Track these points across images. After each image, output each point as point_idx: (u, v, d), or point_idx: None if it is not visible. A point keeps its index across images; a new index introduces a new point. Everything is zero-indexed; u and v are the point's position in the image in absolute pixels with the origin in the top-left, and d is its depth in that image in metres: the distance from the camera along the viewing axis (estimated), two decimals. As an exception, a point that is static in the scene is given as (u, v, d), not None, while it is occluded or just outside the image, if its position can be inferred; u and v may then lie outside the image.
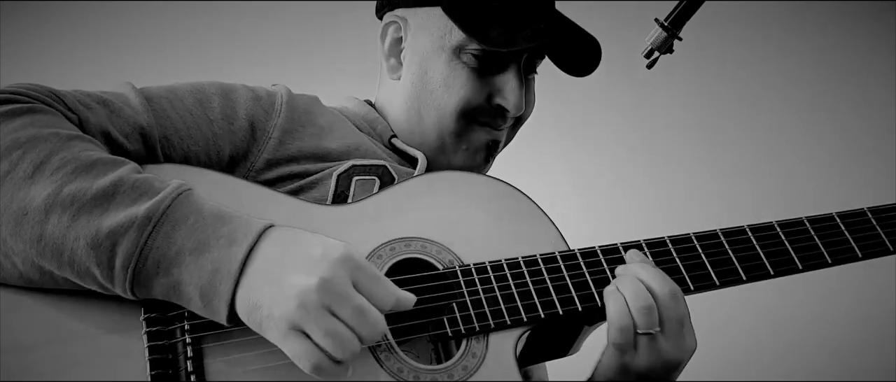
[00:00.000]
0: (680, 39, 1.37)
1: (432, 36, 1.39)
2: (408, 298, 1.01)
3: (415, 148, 1.42)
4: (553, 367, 1.48)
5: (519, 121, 1.47)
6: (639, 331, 1.10)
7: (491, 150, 1.43)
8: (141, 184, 1.02)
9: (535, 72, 1.46)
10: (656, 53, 1.39)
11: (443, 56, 1.38)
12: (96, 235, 0.97)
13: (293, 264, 0.97)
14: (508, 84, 1.37)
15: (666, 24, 1.37)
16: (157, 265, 0.98)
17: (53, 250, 0.98)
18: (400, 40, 1.44)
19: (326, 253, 0.97)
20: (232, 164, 1.27)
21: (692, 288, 1.18)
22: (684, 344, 1.13)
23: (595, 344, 1.25)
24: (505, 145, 1.48)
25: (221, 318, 0.98)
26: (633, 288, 1.11)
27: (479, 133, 1.40)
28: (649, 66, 1.41)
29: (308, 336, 0.95)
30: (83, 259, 0.98)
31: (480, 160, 1.43)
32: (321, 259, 0.96)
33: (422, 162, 1.38)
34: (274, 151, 1.28)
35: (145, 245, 0.98)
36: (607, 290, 1.13)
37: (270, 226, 1.01)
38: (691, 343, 1.14)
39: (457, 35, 1.36)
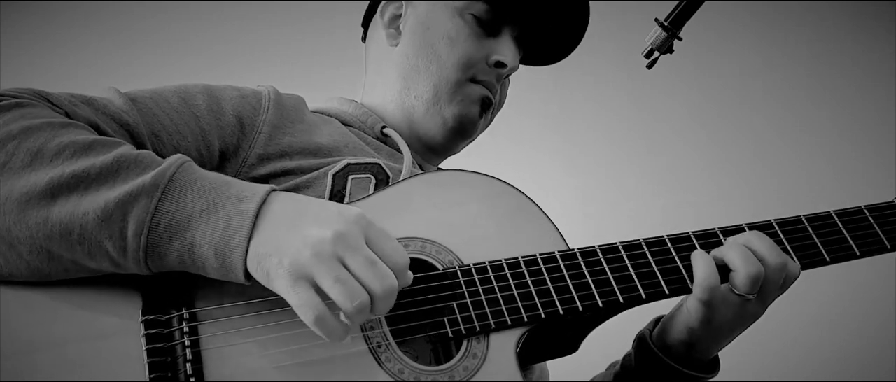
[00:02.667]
0: (680, 39, 1.38)
1: (436, 1, 1.48)
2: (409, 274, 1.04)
3: (406, 111, 1.48)
4: (552, 365, 1.48)
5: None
6: (737, 292, 1.15)
7: (485, 106, 1.50)
8: (143, 157, 1.03)
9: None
10: (656, 53, 1.40)
11: (447, 12, 1.47)
12: (105, 208, 0.97)
13: (308, 218, 0.98)
14: (504, 45, 1.47)
15: (666, 24, 1.37)
16: (169, 230, 0.98)
17: (62, 230, 0.97)
18: (399, 16, 1.53)
19: (342, 211, 0.99)
20: (223, 160, 1.28)
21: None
22: (764, 308, 1.21)
23: (596, 345, 1.25)
24: (496, 110, 1.56)
25: (238, 274, 0.98)
26: (744, 254, 1.16)
27: (474, 87, 1.48)
28: (649, 66, 1.42)
29: (317, 291, 0.95)
30: (94, 233, 0.97)
31: (476, 112, 1.49)
32: (336, 214, 0.98)
33: (407, 156, 1.39)
34: (265, 146, 1.30)
35: (156, 210, 0.97)
36: (695, 253, 1.18)
37: (275, 189, 1.03)
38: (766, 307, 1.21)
39: None
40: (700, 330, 1.21)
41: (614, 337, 1.43)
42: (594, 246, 1.19)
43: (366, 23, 1.63)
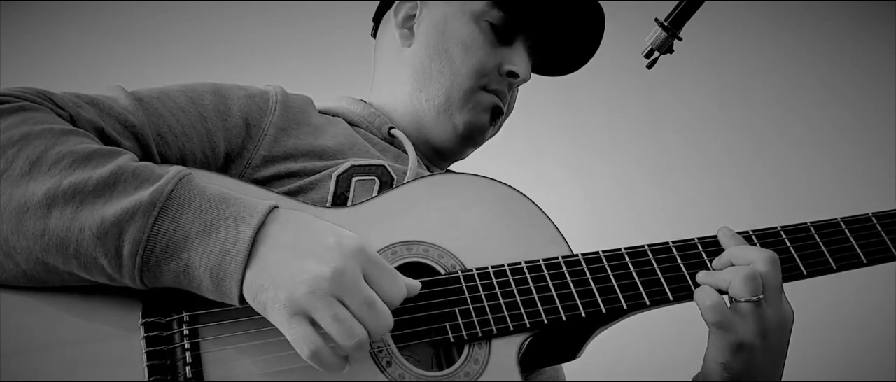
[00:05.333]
0: (680, 39, 1.38)
1: (452, 6, 1.48)
2: (414, 285, 1.04)
3: (416, 113, 1.48)
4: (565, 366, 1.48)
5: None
6: (741, 300, 1.12)
7: (495, 114, 1.50)
8: (142, 171, 1.01)
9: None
10: (656, 53, 1.40)
11: (463, 18, 1.47)
12: (101, 224, 0.96)
13: (306, 250, 0.97)
14: (517, 54, 1.47)
15: (666, 24, 1.37)
16: (165, 250, 0.97)
17: (58, 244, 0.97)
18: (413, 17, 1.52)
19: (340, 243, 0.98)
20: (228, 161, 1.28)
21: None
22: (783, 310, 1.16)
23: (598, 348, 1.24)
24: (505, 117, 1.56)
25: (232, 298, 0.98)
26: (731, 260, 1.15)
27: (485, 96, 1.47)
28: (649, 66, 1.42)
29: (313, 324, 0.95)
30: (90, 250, 0.97)
31: (486, 119, 1.49)
32: (335, 248, 0.97)
33: (412, 158, 1.38)
34: (270, 147, 1.29)
35: (152, 230, 0.97)
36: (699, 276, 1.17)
37: (275, 207, 1.02)
38: (789, 309, 1.17)
39: (478, 3, 1.46)
40: (733, 362, 1.15)
41: (621, 342, 1.43)
42: (598, 252, 1.19)
43: (377, 18, 1.62)
